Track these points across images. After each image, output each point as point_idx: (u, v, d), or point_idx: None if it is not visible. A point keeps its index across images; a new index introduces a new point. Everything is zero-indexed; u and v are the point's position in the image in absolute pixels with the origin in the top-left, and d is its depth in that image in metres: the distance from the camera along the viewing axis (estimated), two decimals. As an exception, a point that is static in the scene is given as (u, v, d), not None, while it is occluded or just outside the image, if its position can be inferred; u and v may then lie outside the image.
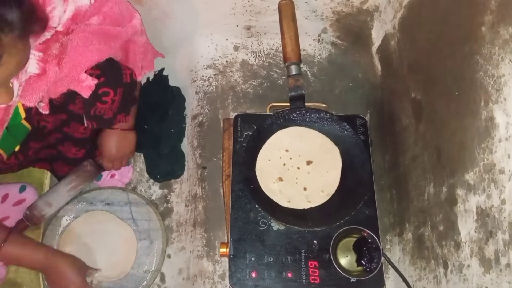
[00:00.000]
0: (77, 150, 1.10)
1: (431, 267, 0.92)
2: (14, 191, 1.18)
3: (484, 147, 0.72)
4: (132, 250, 1.19)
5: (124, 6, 0.92)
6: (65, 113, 0.98)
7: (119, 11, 0.89)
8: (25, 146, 0.98)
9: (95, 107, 0.95)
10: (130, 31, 0.94)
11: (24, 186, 1.20)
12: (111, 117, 1.00)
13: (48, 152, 1.09)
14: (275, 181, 1.05)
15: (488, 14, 0.71)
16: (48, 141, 1.04)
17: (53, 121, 0.98)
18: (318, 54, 1.43)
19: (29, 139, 0.98)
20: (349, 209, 1.00)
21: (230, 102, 1.39)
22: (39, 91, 0.79)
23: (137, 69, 1.03)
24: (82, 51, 0.82)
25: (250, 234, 1.00)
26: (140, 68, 1.05)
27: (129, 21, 0.94)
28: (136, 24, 0.96)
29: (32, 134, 0.97)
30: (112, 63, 0.93)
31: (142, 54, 1.03)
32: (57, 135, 1.03)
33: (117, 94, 0.95)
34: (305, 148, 1.09)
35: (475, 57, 0.75)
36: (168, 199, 1.30)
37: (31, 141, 0.99)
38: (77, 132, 1.04)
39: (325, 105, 1.22)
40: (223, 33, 1.39)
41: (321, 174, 1.07)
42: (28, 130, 0.94)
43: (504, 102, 0.66)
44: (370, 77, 1.35)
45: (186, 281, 1.19)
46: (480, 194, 0.73)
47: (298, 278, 0.96)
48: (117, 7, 0.88)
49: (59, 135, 1.03)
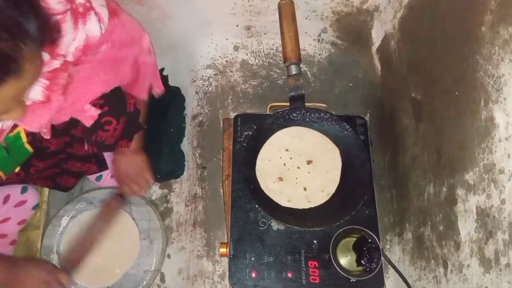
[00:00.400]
0: (81, 165, 1.09)
1: (431, 267, 0.92)
2: (16, 192, 1.18)
3: (484, 147, 0.72)
4: (134, 250, 1.19)
5: (134, 28, 0.91)
6: (67, 136, 0.97)
7: (128, 34, 0.87)
8: (26, 163, 0.96)
9: (96, 134, 0.94)
10: (136, 51, 0.92)
11: (25, 187, 1.20)
12: (112, 144, 1.00)
13: (52, 171, 1.08)
14: (275, 181, 1.05)
15: (488, 14, 0.71)
16: (52, 161, 1.03)
17: (56, 143, 0.97)
18: (318, 54, 1.43)
19: (31, 157, 0.96)
20: (349, 209, 1.00)
21: (230, 102, 1.38)
22: (42, 118, 0.78)
23: (145, 89, 1.02)
24: (88, 82, 0.81)
25: (250, 234, 1.00)
26: (148, 89, 1.03)
27: (139, 42, 0.93)
28: (145, 45, 0.95)
29: (35, 154, 0.95)
30: (117, 92, 0.91)
31: (152, 74, 1.02)
32: (61, 156, 1.03)
33: (119, 123, 0.95)
34: (305, 148, 1.09)
35: (475, 57, 0.75)
36: (168, 199, 1.30)
37: (33, 159, 0.97)
38: (81, 151, 1.04)
39: (325, 105, 1.22)
40: (223, 33, 1.39)
41: (321, 174, 1.07)
42: (30, 153, 0.92)
43: (504, 102, 0.66)
44: (370, 77, 1.34)
45: (186, 281, 1.19)
46: (480, 194, 0.73)
47: (298, 278, 0.96)
48: (125, 32, 0.86)
49: (63, 155, 1.03)
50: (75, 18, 0.72)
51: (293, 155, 1.09)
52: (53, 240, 1.20)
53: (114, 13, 0.81)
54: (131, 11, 1.17)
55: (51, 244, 1.19)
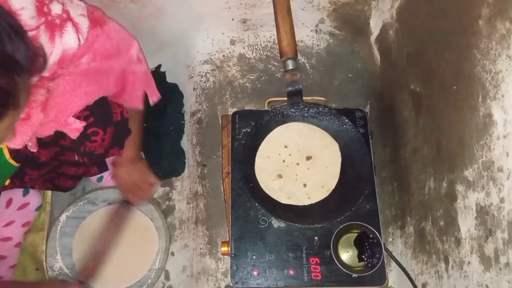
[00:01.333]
0: (77, 169, 1.07)
1: (432, 261, 0.92)
2: (18, 195, 1.19)
3: (483, 144, 0.70)
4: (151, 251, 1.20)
5: (122, 37, 0.87)
6: (57, 146, 0.94)
7: (113, 44, 0.84)
8: (20, 172, 0.94)
9: (84, 146, 0.91)
10: (123, 62, 0.89)
11: (27, 189, 1.21)
12: (102, 153, 0.97)
13: (48, 176, 1.06)
14: (275, 178, 1.05)
15: (485, 7, 0.69)
16: (46, 169, 1.01)
17: (46, 153, 0.94)
18: (316, 45, 1.40)
19: (24, 167, 0.94)
20: (350, 204, 1.00)
21: (228, 98, 1.37)
22: (23, 135, 0.75)
23: (137, 98, 0.98)
24: (69, 96, 0.78)
25: (250, 232, 1.00)
26: (141, 97, 1.00)
27: (126, 52, 0.89)
28: (133, 54, 0.91)
29: (26, 164, 0.93)
30: (102, 102, 0.88)
31: (144, 83, 0.98)
32: (54, 163, 1.00)
33: (107, 133, 0.92)
34: (304, 144, 1.08)
35: (472, 51, 0.73)
36: (170, 196, 1.30)
37: (26, 168, 0.95)
38: (73, 157, 1.00)
39: (324, 98, 1.21)
40: (219, 27, 1.37)
41: (321, 169, 1.06)
42: (16, 167, 0.90)
43: (501, 99, 0.65)
44: (369, 67, 1.32)
45: (190, 279, 1.20)
46: (479, 191, 0.72)
47: (300, 275, 0.96)
48: (110, 42, 0.83)
49: (56, 162, 1.00)
50: (51, 31, 0.69)
51: (292, 152, 1.08)
52: (57, 242, 1.21)
53: (96, 23, 0.78)
54: (125, 9, 1.16)
55: (56, 246, 1.20)
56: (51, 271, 1.17)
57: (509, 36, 0.63)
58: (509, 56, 0.63)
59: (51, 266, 1.18)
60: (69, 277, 1.16)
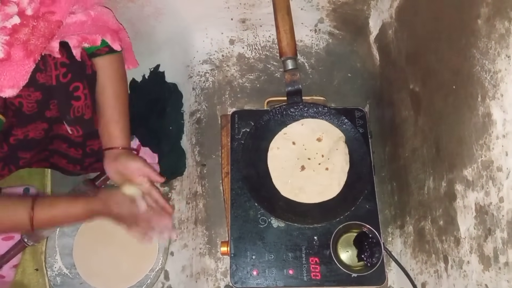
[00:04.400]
0: (67, 147, 1.05)
1: (432, 261, 0.92)
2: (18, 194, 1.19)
3: (482, 143, 0.70)
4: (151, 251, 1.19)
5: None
6: (44, 121, 0.93)
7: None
8: (14, 157, 0.94)
9: (72, 107, 0.91)
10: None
11: (27, 188, 1.21)
12: (91, 117, 0.97)
13: (41, 156, 1.06)
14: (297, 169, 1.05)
15: (484, 7, 0.69)
16: (37, 148, 1.00)
17: (33, 129, 0.93)
18: (316, 45, 1.40)
19: (17, 149, 0.94)
20: (349, 204, 1.00)
21: (227, 98, 1.37)
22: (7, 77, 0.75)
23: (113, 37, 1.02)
24: None
25: (250, 232, 1.00)
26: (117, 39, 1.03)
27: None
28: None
29: (19, 145, 0.93)
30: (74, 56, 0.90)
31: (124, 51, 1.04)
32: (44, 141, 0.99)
33: (85, 88, 0.93)
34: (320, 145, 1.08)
35: (471, 51, 0.73)
36: (169, 196, 1.30)
37: (19, 151, 0.95)
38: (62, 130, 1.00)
39: (323, 98, 1.21)
40: (218, 27, 1.37)
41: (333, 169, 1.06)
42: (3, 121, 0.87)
43: (501, 99, 0.65)
44: (369, 67, 1.32)
45: (189, 279, 1.20)
46: (479, 191, 0.72)
47: (299, 275, 0.96)
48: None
49: (46, 140, 0.99)
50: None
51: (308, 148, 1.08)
52: (57, 242, 1.21)
53: None
54: (124, 9, 1.17)
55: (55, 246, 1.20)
56: (51, 271, 1.17)
57: (508, 35, 0.63)
58: (508, 56, 0.63)
59: (50, 266, 1.18)
60: (68, 277, 1.16)
